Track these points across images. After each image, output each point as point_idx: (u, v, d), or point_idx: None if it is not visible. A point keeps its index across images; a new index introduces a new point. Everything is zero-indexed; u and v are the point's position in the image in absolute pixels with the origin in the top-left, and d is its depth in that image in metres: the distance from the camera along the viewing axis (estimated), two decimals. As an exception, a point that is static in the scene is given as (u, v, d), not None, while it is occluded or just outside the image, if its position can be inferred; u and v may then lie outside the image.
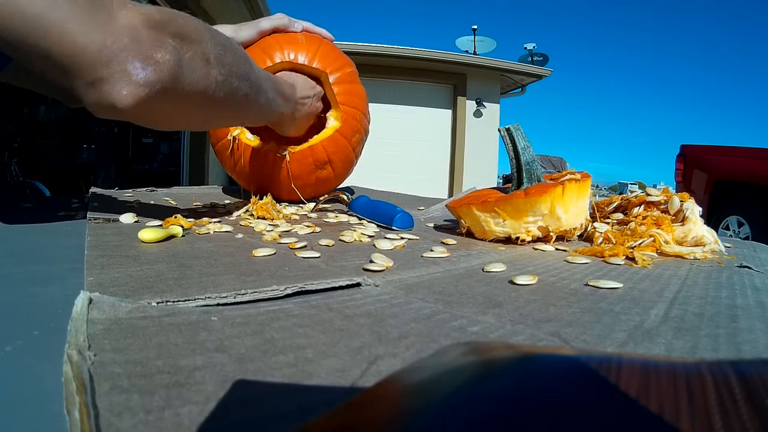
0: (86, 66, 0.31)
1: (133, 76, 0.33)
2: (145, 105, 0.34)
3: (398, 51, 4.45)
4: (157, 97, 0.34)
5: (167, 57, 0.34)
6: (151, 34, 0.33)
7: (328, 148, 0.61)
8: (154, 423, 0.12)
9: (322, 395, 0.14)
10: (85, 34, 0.31)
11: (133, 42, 0.32)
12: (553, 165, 8.05)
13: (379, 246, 0.38)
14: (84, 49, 0.31)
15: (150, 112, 0.35)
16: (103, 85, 0.32)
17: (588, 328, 0.21)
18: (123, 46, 0.32)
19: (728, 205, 3.03)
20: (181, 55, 0.35)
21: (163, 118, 0.38)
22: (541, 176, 0.44)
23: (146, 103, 0.34)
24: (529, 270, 0.32)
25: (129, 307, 0.19)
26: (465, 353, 0.10)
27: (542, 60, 5.66)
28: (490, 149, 5.05)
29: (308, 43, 0.63)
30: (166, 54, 0.34)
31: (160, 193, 0.69)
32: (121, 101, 0.33)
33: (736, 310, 0.25)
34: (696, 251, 0.40)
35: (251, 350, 0.16)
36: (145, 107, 0.34)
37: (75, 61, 0.31)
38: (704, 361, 0.09)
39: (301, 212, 0.56)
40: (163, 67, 0.34)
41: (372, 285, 0.27)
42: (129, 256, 0.30)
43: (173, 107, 0.37)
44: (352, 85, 0.64)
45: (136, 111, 0.34)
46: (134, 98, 0.33)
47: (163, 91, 0.34)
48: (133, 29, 0.32)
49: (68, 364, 0.14)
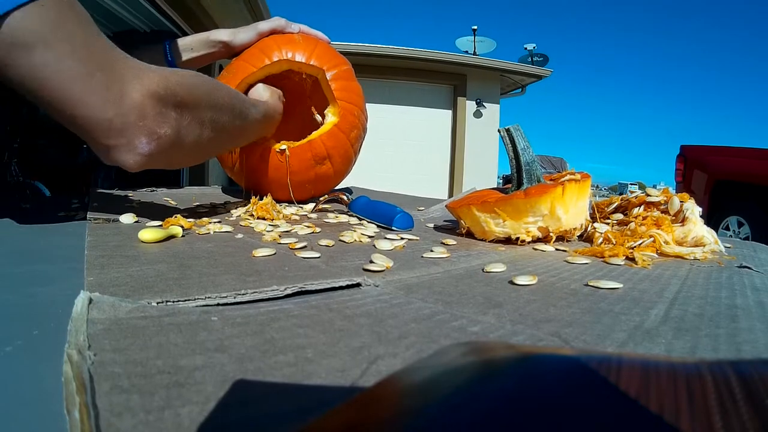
0: (100, 134, 0.37)
1: (137, 149, 0.38)
2: (152, 163, 0.40)
3: (398, 51, 4.46)
4: (159, 158, 0.40)
5: (168, 132, 0.39)
6: (155, 109, 0.38)
7: (327, 142, 0.61)
8: (154, 423, 0.12)
9: (322, 395, 0.14)
10: (100, 109, 0.35)
11: (140, 119, 0.37)
12: (553, 165, 8.05)
13: (379, 246, 0.38)
14: (98, 121, 0.36)
15: (156, 164, 0.41)
16: (114, 151, 0.38)
17: (588, 329, 0.21)
18: (131, 122, 0.37)
19: (728, 205, 3.03)
20: (181, 123, 0.40)
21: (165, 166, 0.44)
22: (541, 177, 0.44)
23: (149, 164, 0.40)
24: (529, 270, 0.32)
25: (129, 307, 0.19)
26: (465, 353, 0.10)
27: (542, 60, 5.66)
28: (490, 150, 5.05)
29: (305, 42, 0.63)
30: (168, 129, 0.39)
31: (160, 194, 0.69)
32: (127, 165, 0.39)
33: (736, 310, 0.25)
34: (696, 251, 0.40)
35: (251, 350, 0.16)
36: (151, 164, 0.40)
37: (91, 129, 0.36)
38: (704, 361, 0.09)
39: (301, 212, 0.56)
40: (164, 140, 0.39)
41: (372, 285, 0.27)
42: (129, 256, 0.30)
43: (172, 161, 0.43)
44: (348, 82, 0.65)
45: (142, 167, 0.40)
46: (139, 164, 0.39)
47: (164, 154, 0.40)
48: (140, 106, 0.37)
49: (68, 364, 0.14)
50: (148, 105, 0.37)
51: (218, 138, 0.46)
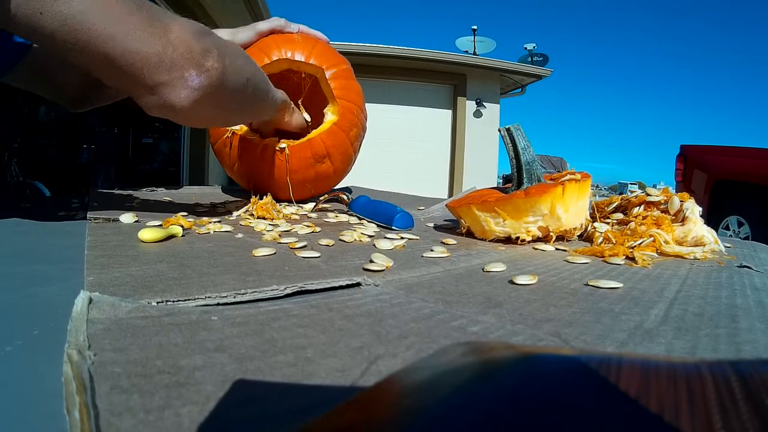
0: (151, 70, 0.36)
1: (189, 82, 0.37)
2: (197, 106, 0.39)
3: (398, 51, 4.45)
4: (207, 99, 0.39)
5: (216, 65, 0.39)
6: (199, 44, 0.38)
7: (326, 141, 0.62)
8: (154, 423, 0.12)
9: (322, 395, 0.14)
10: (147, 44, 0.35)
11: (188, 51, 0.37)
12: (553, 165, 8.05)
13: (379, 246, 0.38)
14: (147, 56, 0.35)
15: (198, 111, 0.40)
16: (163, 89, 0.37)
17: (588, 328, 0.21)
18: (180, 55, 0.36)
19: (728, 205, 3.03)
20: (223, 62, 0.40)
21: (206, 116, 0.44)
22: (541, 176, 0.44)
23: (199, 104, 0.39)
24: (529, 270, 0.32)
25: (129, 306, 0.19)
26: (465, 353, 0.10)
27: (542, 60, 5.66)
28: (490, 149, 5.05)
29: (304, 42, 0.63)
30: (214, 62, 0.39)
31: (160, 193, 0.69)
32: (179, 103, 0.38)
33: (736, 310, 0.25)
34: (696, 251, 0.40)
35: (251, 350, 0.16)
36: (196, 108, 0.39)
37: (138, 68, 0.35)
38: (704, 361, 0.09)
39: (301, 212, 0.56)
40: (213, 73, 0.39)
41: (372, 285, 0.27)
42: (129, 255, 0.30)
43: (215, 106, 0.42)
44: (347, 81, 0.65)
45: (189, 111, 0.39)
46: (190, 101, 0.38)
47: (212, 93, 0.39)
48: (185, 40, 0.37)
49: (68, 363, 0.14)
50: (191, 39, 0.37)
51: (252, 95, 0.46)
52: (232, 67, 0.41)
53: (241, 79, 0.43)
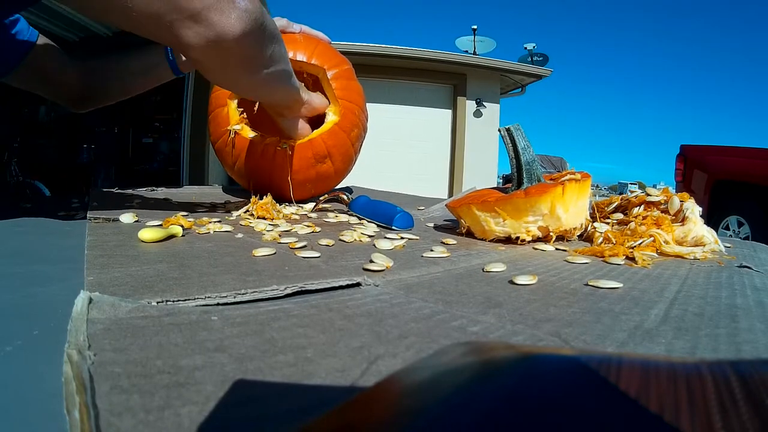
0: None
1: (237, 2, 0.36)
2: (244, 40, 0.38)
3: (398, 51, 4.45)
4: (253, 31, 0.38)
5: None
6: None
7: (327, 141, 0.62)
8: (154, 423, 0.12)
9: (322, 395, 0.14)
10: None
11: None
12: (553, 165, 8.05)
13: (379, 246, 0.38)
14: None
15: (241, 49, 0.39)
16: (210, 14, 0.35)
17: (588, 328, 0.21)
18: None
19: (728, 205, 3.03)
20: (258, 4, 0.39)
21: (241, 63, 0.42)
22: (541, 176, 0.44)
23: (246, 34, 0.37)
24: (529, 270, 0.32)
25: (129, 306, 0.19)
26: (465, 353, 0.10)
27: (542, 60, 5.66)
28: (490, 149, 5.05)
29: (306, 42, 0.63)
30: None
31: (160, 193, 0.69)
32: (230, 26, 0.36)
33: (736, 310, 0.25)
34: (696, 251, 0.40)
35: (251, 350, 0.16)
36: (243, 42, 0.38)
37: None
38: (704, 361, 0.09)
39: (301, 212, 0.56)
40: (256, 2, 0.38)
41: (372, 285, 0.27)
42: (129, 255, 0.30)
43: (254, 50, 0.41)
44: (349, 81, 0.65)
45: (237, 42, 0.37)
46: (241, 24, 0.37)
47: (258, 25, 0.38)
48: None
49: (68, 363, 0.14)
50: None
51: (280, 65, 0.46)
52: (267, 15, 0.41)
53: (274, 29, 0.42)
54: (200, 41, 0.37)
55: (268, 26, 0.41)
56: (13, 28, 0.52)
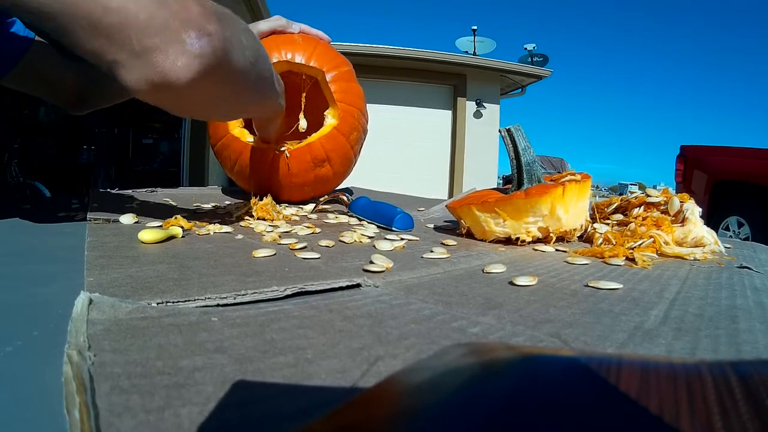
0: (137, 32, 0.30)
1: (188, 45, 0.31)
2: (197, 82, 0.32)
3: (398, 52, 4.46)
4: (208, 74, 0.33)
5: (218, 29, 0.33)
6: (198, 6, 0.32)
7: (326, 145, 0.61)
8: (154, 423, 0.12)
9: (322, 396, 0.14)
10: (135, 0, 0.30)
11: (184, 10, 0.31)
12: (553, 166, 8.05)
13: (379, 247, 0.38)
14: (133, 16, 0.29)
15: (196, 90, 0.33)
16: (155, 55, 0.30)
17: (588, 329, 0.21)
18: (175, 12, 0.31)
19: (728, 205, 3.03)
20: (225, 32, 0.34)
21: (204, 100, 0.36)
22: (541, 177, 0.44)
23: (199, 79, 0.32)
24: (529, 271, 0.32)
25: (129, 307, 0.19)
26: (465, 354, 0.10)
27: (542, 60, 5.66)
28: (490, 150, 5.05)
29: (305, 43, 0.63)
30: (217, 27, 0.33)
31: (160, 194, 0.69)
32: (176, 73, 0.31)
33: (736, 310, 0.25)
34: (696, 252, 0.40)
35: (251, 351, 0.16)
36: (195, 84, 0.32)
37: (124, 28, 0.29)
38: (704, 361, 0.09)
39: (301, 213, 0.56)
40: (216, 39, 0.32)
41: (372, 286, 0.27)
42: (129, 256, 0.30)
43: (217, 84, 0.35)
44: (349, 84, 0.65)
45: (187, 88, 0.32)
46: (189, 71, 0.31)
47: (214, 66, 0.33)
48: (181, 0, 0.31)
49: (68, 364, 0.14)
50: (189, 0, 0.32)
51: (258, 82, 0.40)
52: (235, 39, 0.35)
53: (246, 57, 0.37)
54: (142, 86, 0.32)
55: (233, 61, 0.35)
56: (9, 29, 0.52)
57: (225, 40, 0.33)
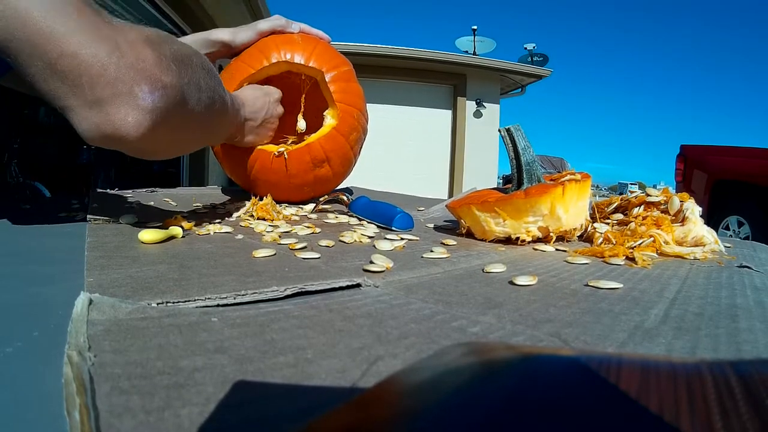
0: (89, 81, 0.29)
1: (140, 100, 0.30)
2: (149, 135, 0.31)
3: (398, 52, 4.46)
4: (161, 126, 0.32)
5: (174, 81, 0.32)
6: (154, 54, 0.31)
7: (325, 145, 0.61)
8: (155, 424, 0.12)
9: (322, 396, 0.14)
10: (90, 46, 0.29)
11: (139, 61, 0.30)
12: (553, 165, 8.05)
13: (379, 247, 0.38)
14: (89, 62, 0.29)
15: (151, 142, 0.32)
16: (106, 107, 0.29)
17: (588, 329, 0.21)
18: (129, 64, 0.30)
19: (728, 205, 3.03)
20: (182, 79, 0.33)
21: (161, 147, 0.35)
22: (541, 176, 0.44)
23: (150, 133, 0.31)
24: (529, 270, 0.32)
25: (129, 308, 0.19)
26: (465, 354, 0.10)
27: (542, 60, 5.66)
28: (490, 150, 5.05)
29: (305, 43, 0.63)
30: (173, 78, 0.32)
31: (160, 194, 0.69)
32: (125, 128, 0.30)
33: (736, 310, 0.25)
34: (696, 251, 0.40)
35: (251, 351, 0.16)
36: (149, 138, 0.31)
37: (77, 75, 0.29)
38: (704, 361, 0.09)
39: (301, 213, 0.56)
40: (170, 92, 0.32)
41: (372, 286, 0.27)
42: (129, 257, 0.30)
43: (173, 132, 0.35)
44: (348, 84, 0.64)
45: (139, 142, 0.31)
46: (140, 127, 0.30)
47: (167, 118, 0.32)
48: (137, 48, 0.30)
49: (68, 365, 0.14)
50: (146, 48, 0.31)
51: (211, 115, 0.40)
52: (194, 84, 0.35)
53: (202, 102, 0.36)
54: (94, 135, 0.30)
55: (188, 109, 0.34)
56: None
57: (180, 90, 0.33)
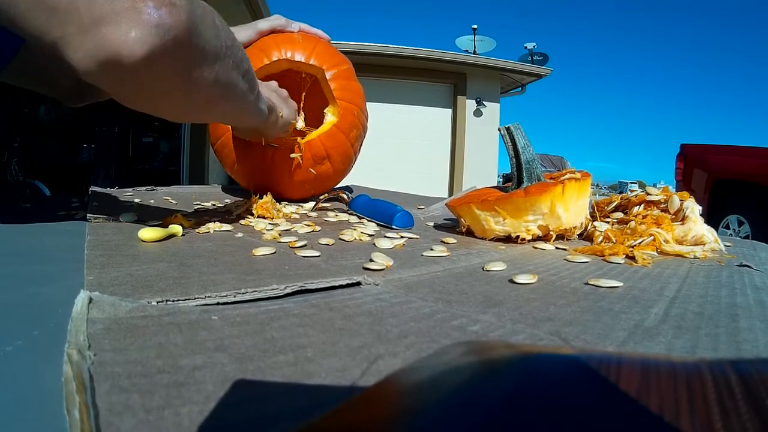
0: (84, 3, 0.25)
1: (144, 15, 0.26)
2: (153, 62, 0.27)
3: (398, 50, 4.45)
4: (169, 52, 0.28)
5: (184, 3, 0.28)
6: None
7: (326, 142, 0.61)
8: (154, 423, 0.12)
9: (322, 395, 0.14)
10: None
11: None
12: (553, 164, 8.05)
13: (379, 245, 0.38)
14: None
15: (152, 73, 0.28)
16: (105, 26, 0.25)
17: (588, 327, 0.21)
18: None
19: (728, 204, 3.03)
20: (194, 7, 0.29)
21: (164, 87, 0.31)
22: (541, 175, 0.44)
23: (157, 56, 0.27)
24: (529, 269, 0.32)
25: (129, 306, 0.19)
26: (465, 353, 0.10)
27: (542, 59, 5.65)
28: (490, 148, 5.05)
29: (305, 41, 0.63)
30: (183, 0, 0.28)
31: (160, 192, 0.69)
32: (129, 47, 0.26)
33: (736, 309, 0.25)
34: (696, 250, 0.40)
35: (251, 350, 0.16)
36: (151, 65, 0.27)
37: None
38: (704, 360, 0.09)
39: (301, 211, 0.56)
40: (180, 11, 0.27)
41: (372, 284, 0.27)
42: (129, 255, 0.30)
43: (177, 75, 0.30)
44: (348, 82, 0.65)
45: (141, 68, 0.27)
46: (145, 45, 0.26)
47: (177, 44, 0.28)
48: None
49: (68, 363, 0.14)
50: None
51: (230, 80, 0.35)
52: (208, 18, 0.30)
53: (222, 41, 0.31)
54: (90, 65, 0.27)
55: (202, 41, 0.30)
56: None
57: (191, 14, 0.28)
